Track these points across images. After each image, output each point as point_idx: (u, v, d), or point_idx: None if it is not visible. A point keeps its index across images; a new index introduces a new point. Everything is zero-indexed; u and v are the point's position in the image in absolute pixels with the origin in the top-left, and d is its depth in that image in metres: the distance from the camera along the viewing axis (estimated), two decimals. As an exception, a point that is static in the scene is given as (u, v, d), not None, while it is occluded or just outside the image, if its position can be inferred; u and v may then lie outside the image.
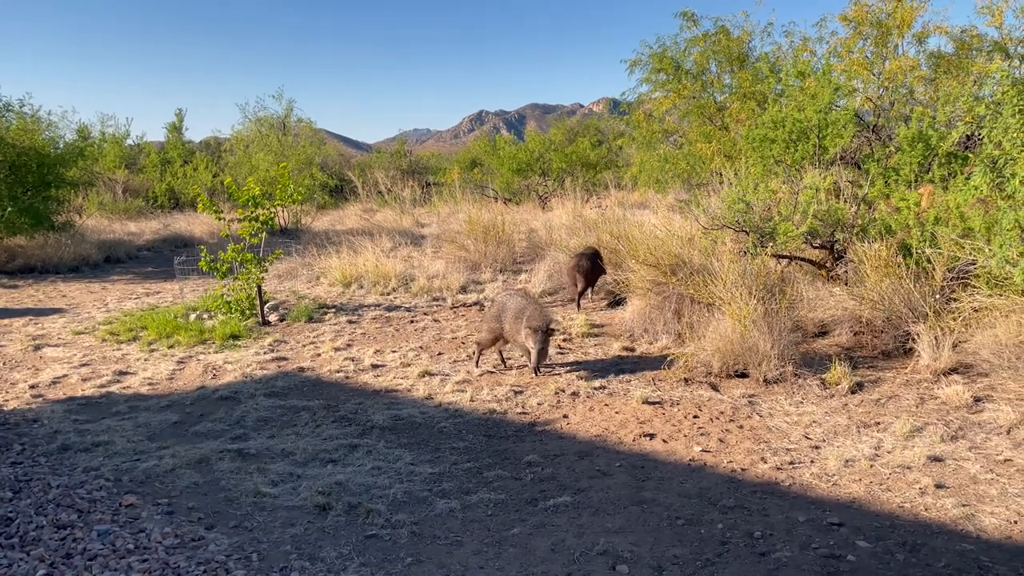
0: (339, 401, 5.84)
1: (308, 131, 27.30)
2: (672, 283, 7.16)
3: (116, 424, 5.30)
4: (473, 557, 3.50)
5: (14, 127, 13.80)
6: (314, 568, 3.43)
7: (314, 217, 20.46)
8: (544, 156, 23.76)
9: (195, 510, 4.02)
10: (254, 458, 4.72)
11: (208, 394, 6.01)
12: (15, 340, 7.82)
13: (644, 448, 4.77)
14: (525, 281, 10.60)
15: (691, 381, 6.03)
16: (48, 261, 12.98)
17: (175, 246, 16.45)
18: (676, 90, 14.80)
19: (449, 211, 19.98)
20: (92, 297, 10.51)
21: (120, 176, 23.93)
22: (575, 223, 13.66)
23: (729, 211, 7.60)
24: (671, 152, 15.53)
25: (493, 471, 4.48)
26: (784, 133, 8.99)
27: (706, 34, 14.49)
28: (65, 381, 6.39)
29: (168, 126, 27.81)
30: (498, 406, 5.64)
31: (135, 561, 3.45)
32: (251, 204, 8.54)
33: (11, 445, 4.94)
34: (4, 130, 13.58)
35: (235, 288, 8.56)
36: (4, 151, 13.13)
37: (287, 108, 27.51)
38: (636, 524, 3.76)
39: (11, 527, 3.79)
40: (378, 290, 10.24)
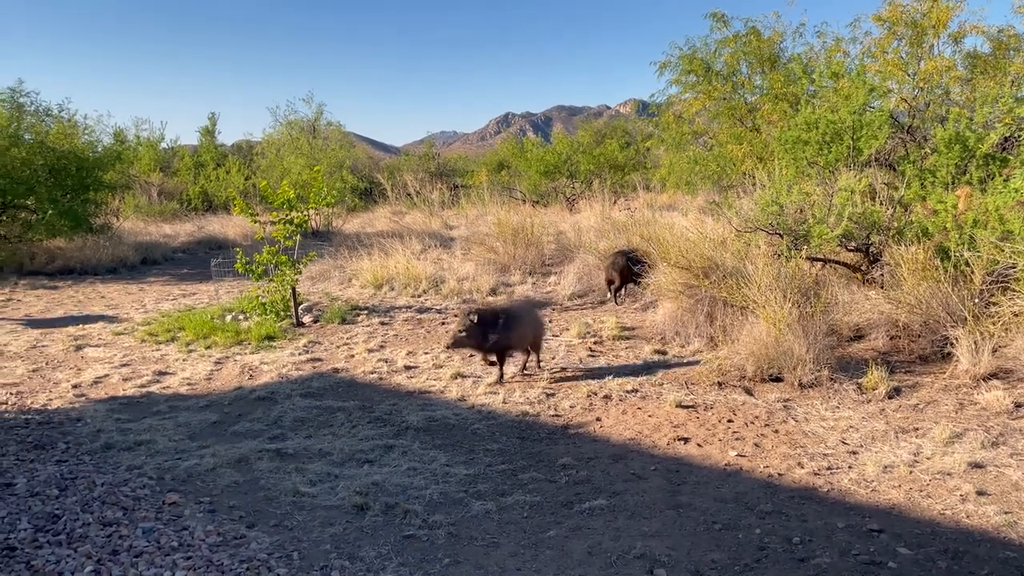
0: (373, 402, 5.90)
1: (337, 134, 27.56)
2: (704, 286, 7.14)
3: (157, 423, 5.41)
4: (510, 559, 3.53)
5: (54, 131, 14.11)
6: (354, 567, 3.47)
7: (345, 219, 20.64)
8: (572, 158, 23.74)
9: (236, 509, 4.09)
10: (292, 458, 4.79)
11: (245, 394, 6.11)
12: (57, 340, 8.00)
13: (678, 452, 4.77)
14: (554, 283, 10.62)
15: (725, 385, 6.01)
16: (87, 263, 13.25)
17: (209, 248, 16.71)
18: (706, 91, 14.74)
19: (477, 213, 20.05)
20: (130, 298, 10.71)
21: (155, 179, 24.34)
22: (604, 225, 13.65)
23: (762, 213, 7.56)
24: (701, 154, 15.46)
25: (527, 473, 4.51)
26: (817, 135, 8.91)
27: (737, 35, 14.40)
28: (107, 381, 6.53)
29: (201, 130, 28.27)
30: (531, 408, 5.66)
31: (180, 559, 3.52)
32: (286, 207, 8.66)
33: (56, 443, 5.07)
34: (44, 134, 13.89)
35: (270, 290, 8.68)
36: (45, 155, 13.43)
37: (317, 111, 27.81)
38: (673, 528, 3.76)
39: (58, 524, 3.89)
40: (409, 292, 10.32)
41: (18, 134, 13.72)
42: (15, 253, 13.07)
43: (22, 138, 13.69)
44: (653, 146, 19.45)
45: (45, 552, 3.56)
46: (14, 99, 14.29)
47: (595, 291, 9.91)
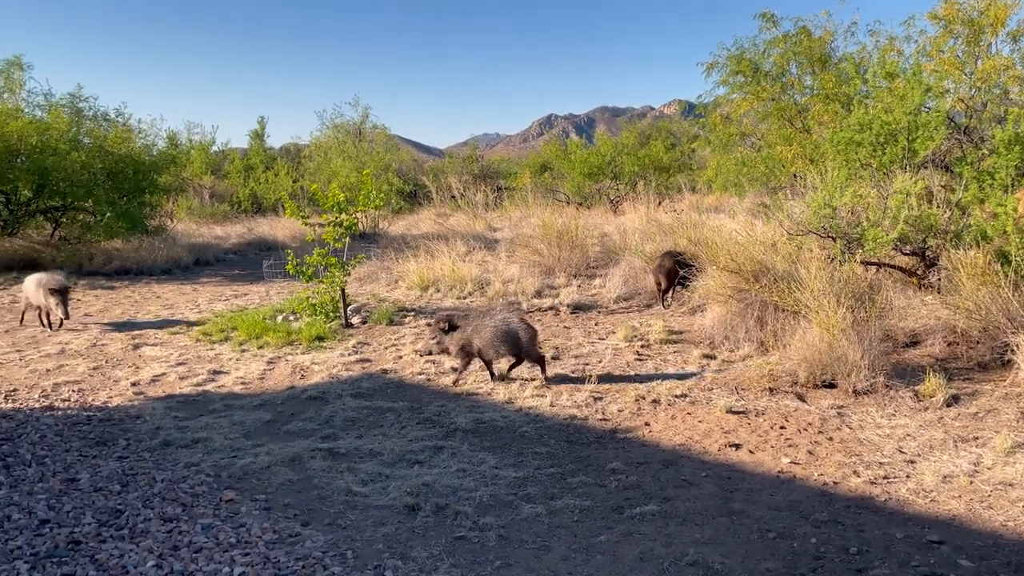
0: (422, 403, 5.95)
1: (383, 137, 27.88)
2: (755, 290, 7.05)
3: (213, 421, 5.54)
4: (561, 563, 3.53)
5: (111, 135, 14.53)
6: (406, 567, 3.51)
7: (391, 222, 20.86)
8: (616, 159, 23.64)
9: (291, 507, 4.17)
10: (344, 457, 4.86)
11: (297, 394, 6.21)
12: (116, 339, 8.24)
13: (730, 458, 4.72)
14: (599, 286, 10.58)
15: (776, 391, 5.92)
16: (142, 263, 13.61)
17: (259, 249, 17.03)
18: (754, 92, 14.55)
19: (521, 215, 20.07)
20: (184, 298, 10.97)
21: (207, 182, 24.91)
22: (649, 227, 13.56)
23: (814, 216, 7.44)
24: (749, 155, 15.26)
25: (577, 477, 4.50)
26: (871, 136, 8.74)
27: (786, 35, 14.19)
28: (164, 379, 6.70)
29: (251, 133, 28.83)
30: (578, 412, 5.66)
31: (237, 555, 3.60)
32: (336, 209, 8.79)
33: (117, 440, 5.22)
34: (102, 139, 14.32)
35: (320, 291, 8.81)
36: (103, 159, 13.84)
37: (363, 114, 28.20)
38: (726, 535, 3.73)
39: (121, 519, 4.01)
40: (454, 294, 10.38)
41: (77, 138, 14.18)
42: (75, 254, 13.48)
43: (81, 142, 14.14)
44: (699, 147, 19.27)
45: (109, 546, 3.68)
46: (74, 104, 14.79)
47: (641, 294, 9.86)
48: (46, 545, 3.68)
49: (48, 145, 13.25)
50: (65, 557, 3.56)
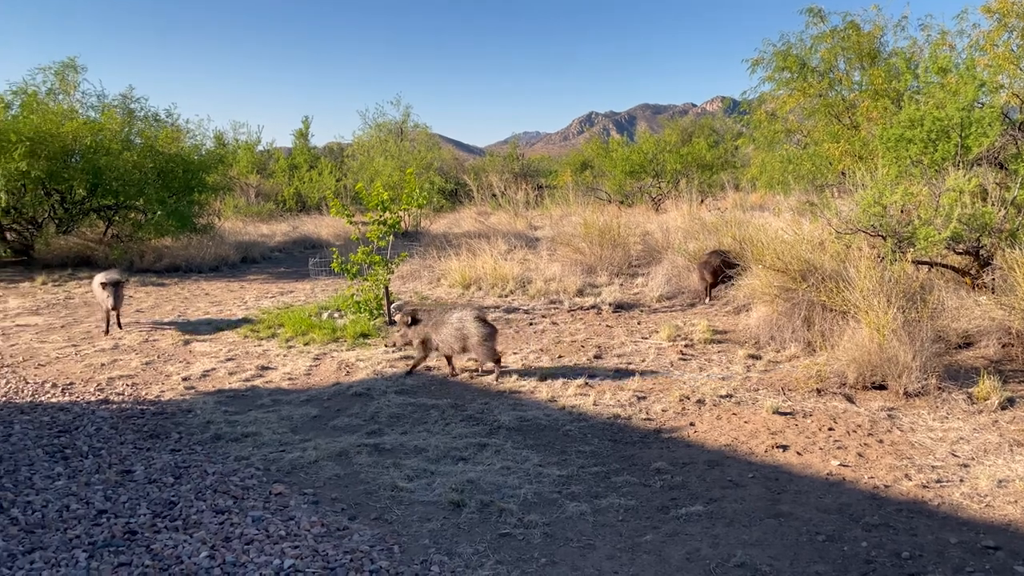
0: (465, 400, 5.99)
1: (424, 136, 28.07)
2: (802, 289, 6.94)
3: (262, 416, 5.65)
4: (607, 562, 3.53)
5: (162, 135, 14.88)
6: (452, 563, 3.54)
7: (432, 220, 21.00)
8: (658, 157, 23.47)
9: (338, 501, 4.23)
10: (389, 453, 4.92)
11: (343, 390, 6.30)
12: (167, 335, 8.44)
13: (777, 460, 4.66)
14: (642, 285, 10.52)
15: (824, 392, 5.83)
16: (191, 261, 13.92)
17: (304, 247, 17.28)
18: (801, 88, 14.31)
19: (561, 213, 20.04)
20: (232, 295, 11.19)
21: (253, 181, 25.35)
22: (692, 226, 13.43)
23: (864, 214, 7.30)
24: (795, 152, 15.02)
25: (621, 476, 4.49)
26: (923, 132, 8.55)
27: (834, 30, 13.93)
28: (213, 374, 6.85)
29: (295, 133, 29.24)
30: (622, 411, 5.64)
31: (287, 547, 3.67)
32: (380, 208, 8.88)
33: (169, 433, 5.35)
34: (153, 139, 14.67)
35: (364, 289, 8.91)
36: (154, 158, 14.19)
37: (404, 114, 28.42)
38: (774, 538, 3.68)
39: (174, 510, 4.10)
40: (496, 292, 10.41)
41: (129, 139, 14.56)
42: (127, 251, 13.84)
43: (133, 142, 14.52)
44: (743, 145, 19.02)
45: (163, 536, 3.77)
46: (126, 105, 15.18)
47: (684, 293, 9.78)
48: (103, 535, 3.78)
49: (101, 145, 13.64)
50: (122, 547, 3.66)
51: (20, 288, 11.90)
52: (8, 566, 3.44)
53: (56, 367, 7.11)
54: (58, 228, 14.55)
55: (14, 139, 12.05)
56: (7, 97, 13.57)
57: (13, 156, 11.92)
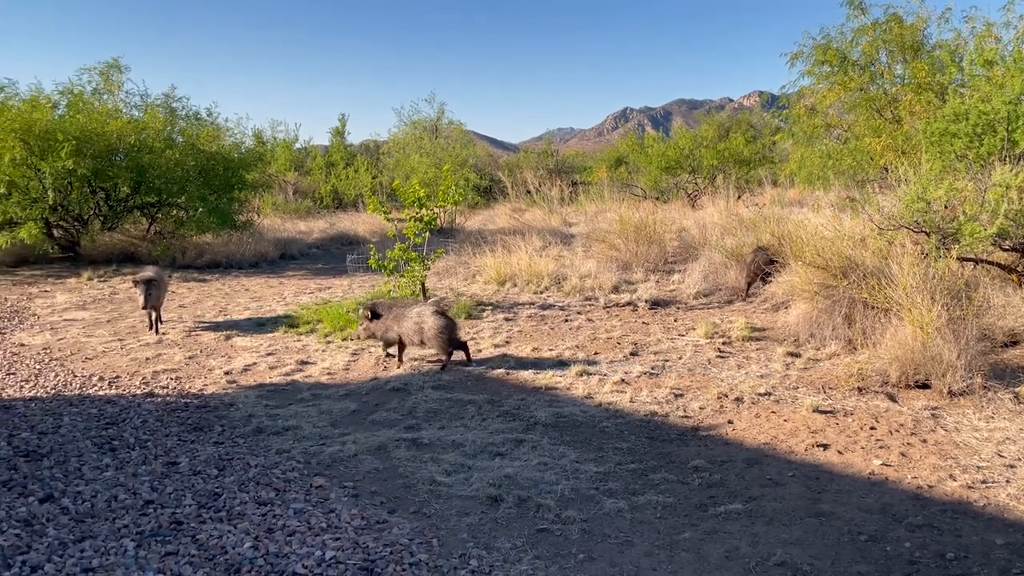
0: (502, 396, 6.01)
1: (458, 133, 28.16)
2: (842, 286, 6.84)
3: (302, 410, 5.74)
4: (645, 559, 3.53)
5: (203, 134, 15.13)
6: (490, 557, 3.57)
7: (467, 217, 21.06)
8: (694, 153, 23.26)
9: (377, 494, 4.29)
10: (427, 447, 4.96)
11: (381, 385, 6.37)
12: (209, 330, 8.60)
13: (817, 459, 4.61)
14: (678, 282, 10.45)
15: (865, 390, 5.74)
16: (231, 257, 14.15)
17: (341, 244, 17.45)
18: (841, 82, 14.07)
19: (596, 210, 19.98)
20: (271, 291, 11.36)
21: (290, 178, 25.66)
22: (729, 222, 13.30)
23: (907, 210, 7.16)
24: (835, 147, 14.78)
25: (659, 474, 4.48)
26: (968, 126, 8.35)
27: (876, 22, 13.66)
28: (254, 369, 6.97)
29: (332, 130, 29.53)
30: (659, 408, 5.62)
31: (328, 539, 3.73)
32: (416, 205, 8.94)
33: (212, 426, 5.46)
34: (194, 137, 14.92)
35: (401, 285, 8.99)
36: (195, 156, 14.44)
37: (439, 111, 28.55)
38: (814, 537, 3.65)
39: (218, 501, 4.19)
40: (531, 288, 10.42)
41: (171, 137, 14.83)
42: (169, 248, 14.11)
43: (175, 141, 14.78)
44: (781, 140, 18.74)
45: (208, 527, 3.86)
46: (168, 104, 15.46)
47: (722, 290, 9.69)
48: (150, 524, 3.88)
49: (145, 144, 13.92)
50: (168, 536, 3.76)
51: (67, 284, 12.21)
52: (60, 554, 3.55)
53: (103, 361, 7.29)
54: (103, 225, 14.88)
55: (61, 138, 12.36)
56: (54, 97, 13.91)
57: (60, 155, 12.21)
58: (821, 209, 12.30)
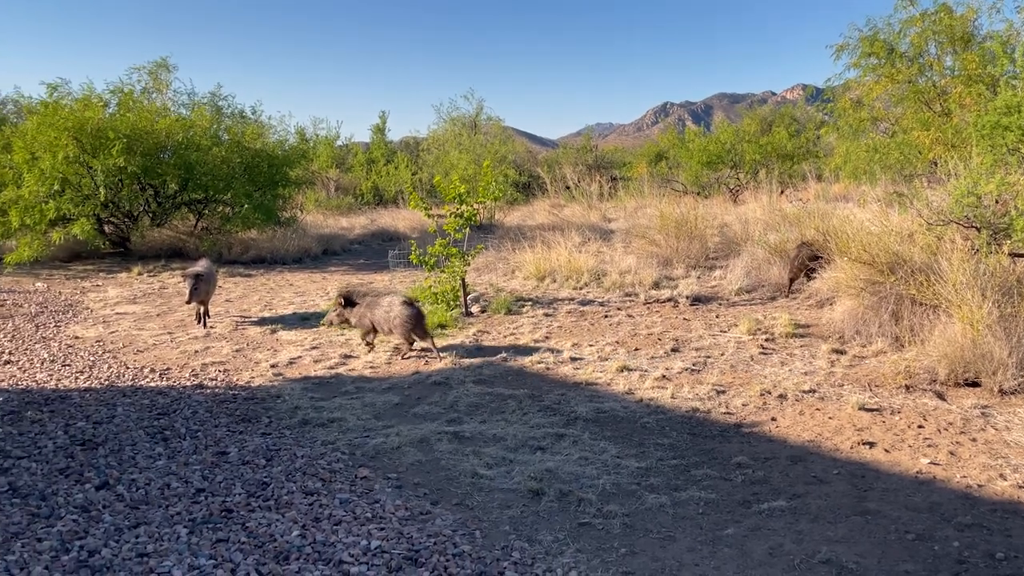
0: (542, 391, 6.04)
1: (497, 129, 28.21)
2: (890, 282, 6.72)
3: (346, 403, 5.83)
4: (687, 554, 3.53)
5: (248, 131, 15.41)
6: (533, 549, 3.60)
7: (506, 213, 21.11)
8: (736, 147, 22.98)
9: (420, 486, 4.35)
10: (469, 441, 5.01)
11: (423, 379, 6.44)
12: (255, 324, 8.78)
13: (863, 457, 4.55)
14: (719, 278, 10.36)
15: (913, 388, 5.65)
16: (276, 253, 14.40)
17: (382, 240, 17.65)
18: (889, 74, 13.78)
19: (636, 205, 19.88)
20: (315, 286, 11.55)
21: (332, 175, 25.98)
22: (772, 217, 13.13)
23: (956, 205, 7.00)
24: (881, 141, 14.49)
25: (701, 470, 4.46)
26: (1020, 119, 8.11)
27: (924, 13, 13.35)
28: (299, 362, 7.10)
29: (372, 128, 29.82)
30: (701, 405, 5.59)
31: (374, 529, 3.80)
32: (457, 201, 9.01)
33: (260, 417, 5.58)
34: (240, 135, 15.21)
35: (441, 280, 9.07)
36: (241, 153, 14.72)
37: (477, 107, 28.61)
38: (860, 535, 3.61)
39: (267, 490, 4.29)
40: (571, 284, 10.42)
41: (217, 135, 15.13)
42: (215, 243, 14.41)
43: (221, 138, 15.08)
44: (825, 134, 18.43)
45: (257, 515, 3.95)
46: (214, 103, 15.77)
47: (764, 286, 9.59)
48: (202, 512, 3.99)
49: (192, 141, 14.23)
50: (219, 524, 3.86)
51: (118, 278, 12.56)
52: (115, 539, 3.67)
53: (153, 353, 7.49)
54: (152, 221, 15.25)
55: (112, 136, 12.70)
56: (105, 96, 14.29)
57: (111, 152, 12.55)
58: (867, 204, 12.07)
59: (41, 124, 12.82)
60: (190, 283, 8.20)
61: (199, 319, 8.71)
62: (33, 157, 12.74)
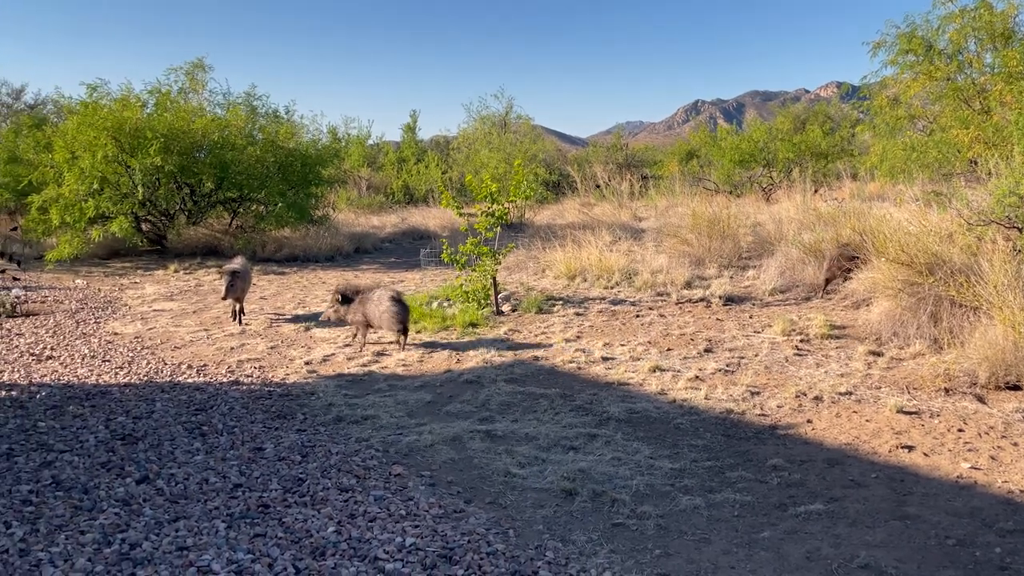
0: (574, 391, 6.04)
1: (527, 128, 28.18)
2: (928, 283, 6.61)
3: (379, 400, 5.88)
4: (723, 556, 3.51)
5: (282, 131, 15.58)
6: (566, 549, 3.60)
7: (536, 211, 21.10)
8: (769, 146, 22.72)
9: (454, 484, 4.37)
10: (501, 440, 5.03)
11: (454, 377, 6.47)
12: (289, 321, 8.88)
13: (902, 460, 4.48)
14: (753, 278, 10.27)
15: (952, 391, 5.55)
16: (308, 251, 14.55)
17: (412, 238, 17.74)
18: (927, 72, 13.53)
19: (667, 204, 19.74)
20: (346, 284, 11.64)
21: (364, 174, 26.17)
22: (806, 216, 12.96)
23: (998, 204, 6.87)
24: (919, 139, 14.23)
25: (736, 472, 4.43)
26: (1066, 116, 7.95)
27: (963, 9, 13.09)
28: (333, 359, 7.17)
29: (403, 127, 29.98)
30: (735, 406, 5.55)
31: (408, 526, 3.83)
32: (488, 200, 9.03)
33: (295, 414, 5.65)
34: (274, 134, 15.38)
35: (472, 279, 9.10)
36: (275, 153, 14.89)
37: (507, 106, 28.60)
38: (900, 540, 3.56)
39: (303, 486, 4.34)
40: (601, 283, 10.39)
41: (252, 134, 15.33)
42: (250, 241, 14.58)
43: (255, 138, 15.27)
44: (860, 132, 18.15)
45: (294, 511, 4.01)
46: (249, 102, 15.96)
47: (799, 286, 9.48)
48: (239, 507, 4.05)
49: (227, 141, 14.43)
50: (256, 519, 3.92)
51: (155, 275, 12.78)
52: (156, 533, 3.74)
53: (190, 349, 7.61)
54: (188, 219, 15.49)
55: (150, 136, 12.92)
56: (143, 96, 14.55)
57: (149, 152, 12.77)
58: (904, 203, 11.89)
59: (81, 124, 13.10)
60: (227, 279, 8.32)
61: (234, 316, 8.83)
62: (73, 156, 13.02)
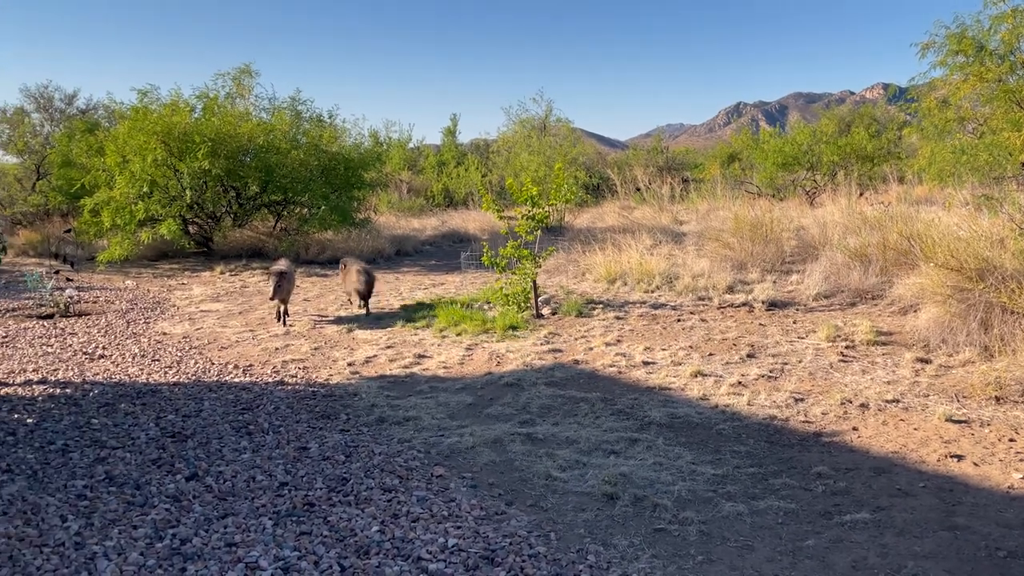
0: (614, 395, 6.03)
1: (566, 131, 28.16)
2: (979, 290, 6.46)
3: (421, 402, 5.95)
4: (767, 564, 3.48)
5: (325, 135, 15.82)
6: (608, 553, 3.61)
7: (575, 215, 21.08)
8: (813, 148, 22.36)
9: (495, 486, 4.40)
10: (542, 443, 5.04)
11: (495, 379, 6.51)
12: (332, 323, 9.01)
13: (951, 470, 4.39)
14: (796, 283, 10.13)
15: (1003, 400, 5.42)
16: (350, 253, 14.69)
17: (452, 241, 17.86)
18: (977, 73, 13.19)
19: (708, 207, 19.57)
20: (388, 287, 11.77)
21: (404, 177, 26.41)
22: (851, 220, 12.74)
23: (1053, 210, 6.68)
24: (969, 142, 13.89)
25: (780, 479, 4.39)
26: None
27: (1016, 9, 12.71)
28: (375, 361, 7.26)
29: (443, 130, 30.18)
30: (778, 412, 5.49)
31: (450, 527, 3.87)
32: (529, 203, 9.06)
33: (338, 414, 5.74)
34: (317, 138, 15.62)
35: (512, 282, 9.13)
36: (318, 156, 15.12)
37: (546, 109, 28.61)
38: (948, 551, 3.49)
39: (347, 486, 4.41)
40: (642, 287, 10.34)
41: (296, 138, 15.58)
42: (293, 244, 14.83)
43: (299, 142, 15.52)
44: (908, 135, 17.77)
45: (338, 510, 4.07)
46: (293, 107, 16.23)
47: (844, 291, 9.32)
48: (286, 505, 4.13)
49: (272, 145, 14.69)
50: (302, 517, 3.99)
51: (202, 277, 13.07)
52: (205, 529, 3.83)
53: (236, 350, 7.77)
54: (234, 222, 15.80)
55: (198, 140, 13.23)
56: (191, 101, 14.89)
57: (197, 156, 13.07)
58: (954, 208, 11.62)
59: (132, 128, 13.47)
60: (274, 280, 8.50)
61: (279, 317, 8.99)
62: (124, 160, 13.39)
